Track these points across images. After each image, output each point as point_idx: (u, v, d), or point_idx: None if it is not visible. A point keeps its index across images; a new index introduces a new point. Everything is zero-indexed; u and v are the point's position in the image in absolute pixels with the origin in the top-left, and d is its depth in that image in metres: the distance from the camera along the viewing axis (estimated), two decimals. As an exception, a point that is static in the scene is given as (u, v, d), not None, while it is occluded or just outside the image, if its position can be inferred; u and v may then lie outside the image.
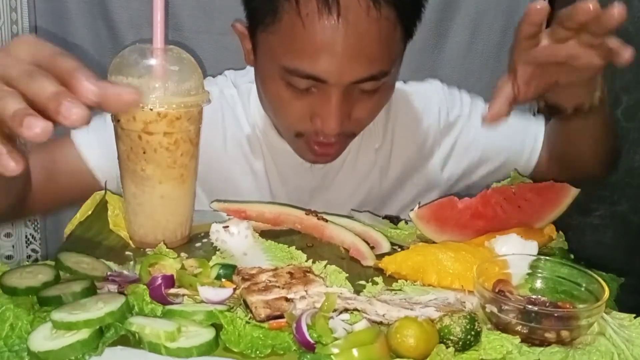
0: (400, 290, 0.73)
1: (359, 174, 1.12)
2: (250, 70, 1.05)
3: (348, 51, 0.85)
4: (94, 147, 1.02)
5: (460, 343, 0.59)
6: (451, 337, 0.59)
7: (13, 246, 1.66)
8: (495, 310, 0.63)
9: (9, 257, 1.66)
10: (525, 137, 1.15)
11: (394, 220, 0.93)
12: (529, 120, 1.17)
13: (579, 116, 0.86)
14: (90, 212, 0.90)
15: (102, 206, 0.90)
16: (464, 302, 0.68)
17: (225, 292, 0.67)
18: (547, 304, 0.67)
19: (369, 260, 0.80)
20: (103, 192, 0.91)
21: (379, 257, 0.80)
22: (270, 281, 0.68)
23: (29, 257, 1.65)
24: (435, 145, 1.13)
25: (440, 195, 1.15)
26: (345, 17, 0.83)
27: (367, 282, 0.75)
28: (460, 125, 1.14)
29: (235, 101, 1.10)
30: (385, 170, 1.13)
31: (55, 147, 1.04)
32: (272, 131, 1.07)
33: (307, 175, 1.09)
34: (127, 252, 0.81)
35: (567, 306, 0.65)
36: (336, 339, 0.58)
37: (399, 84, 1.15)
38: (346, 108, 0.90)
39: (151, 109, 0.76)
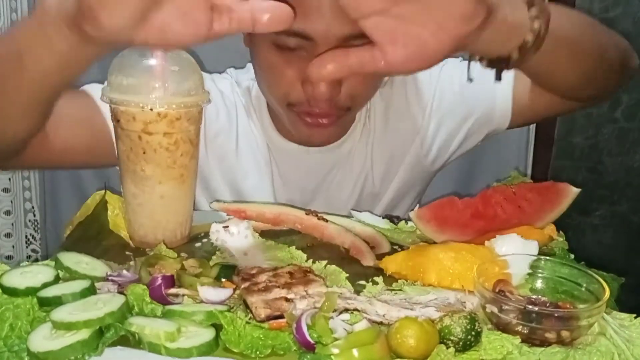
0: (400, 290, 0.73)
1: (355, 171, 1.11)
2: (250, 68, 1.05)
3: (334, 6, 0.84)
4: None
5: (461, 343, 0.59)
6: (451, 338, 0.59)
7: (13, 246, 1.66)
8: (495, 310, 0.63)
9: (9, 257, 1.66)
10: (492, 86, 1.04)
11: (394, 220, 0.93)
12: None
13: (527, 60, 0.73)
14: (90, 212, 0.89)
15: (102, 206, 0.89)
16: (465, 302, 0.68)
17: (225, 292, 0.67)
18: (548, 304, 0.67)
19: (369, 260, 0.80)
20: (103, 192, 0.91)
21: (379, 257, 0.80)
22: (270, 281, 0.68)
23: (28, 257, 1.66)
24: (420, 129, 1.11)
25: (426, 182, 1.16)
26: None
27: (367, 282, 0.75)
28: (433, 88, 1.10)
29: (237, 100, 1.10)
30: (374, 162, 1.12)
31: (70, 95, 0.93)
32: (273, 130, 1.07)
33: (308, 174, 1.09)
34: (127, 252, 0.80)
35: (568, 306, 0.65)
36: (336, 339, 0.58)
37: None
38: None
39: (151, 109, 0.76)
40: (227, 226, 0.82)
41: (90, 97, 0.97)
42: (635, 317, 0.65)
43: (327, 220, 0.87)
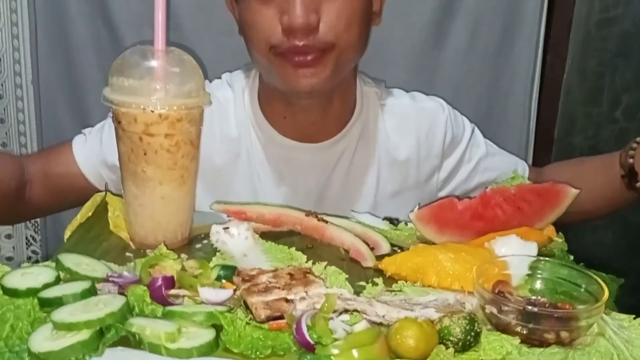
0: (400, 291, 0.73)
1: (354, 180, 1.11)
2: (241, 71, 1.07)
3: None
4: (88, 155, 1.08)
5: (460, 344, 0.59)
6: (451, 338, 0.59)
7: (13, 247, 1.66)
8: (495, 311, 0.63)
9: (9, 259, 1.66)
10: (517, 167, 1.17)
11: (394, 221, 0.93)
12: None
13: None
14: (90, 214, 0.90)
15: (103, 207, 0.90)
16: (464, 303, 0.68)
17: (225, 293, 0.67)
18: (547, 305, 0.67)
19: (369, 262, 0.80)
20: (103, 193, 0.92)
21: (379, 258, 0.80)
22: (270, 282, 0.68)
23: (29, 258, 1.66)
24: (436, 170, 1.14)
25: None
26: None
27: (367, 283, 0.75)
28: (462, 149, 1.14)
29: (229, 101, 1.10)
30: (380, 184, 1.12)
31: (54, 151, 1.12)
32: (268, 126, 1.07)
33: (303, 175, 1.09)
34: (127, 253, 0.81)
35: (567, 307, 0.65)
36: (336, 339, 0.59)
37: (406, 96, 1.15)
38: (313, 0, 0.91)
39: (152, 111, 0.76)
40: (228, 227, 0.82)
41: (72, 154, 1.08)
42: (635, 318, 0.65)
43: (327, 222, 0.87)
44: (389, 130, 1.12)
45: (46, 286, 0.65)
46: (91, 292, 0.65)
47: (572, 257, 0.80)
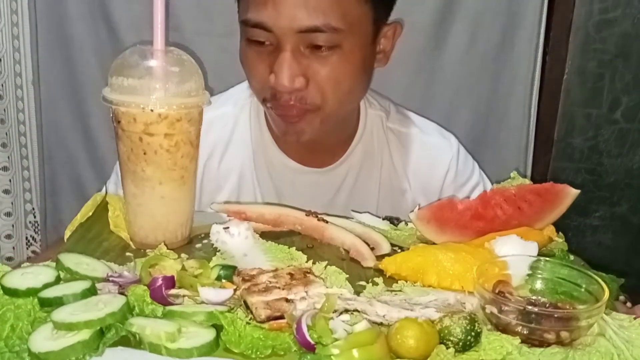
0: (400, 291, 0.73)
1: (357, 201, 1.11)
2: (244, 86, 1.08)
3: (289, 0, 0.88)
4: None
5: (461, 344, 0.59)
6: (451, 338, 0.59)
7: (13, 248, 1.66)
8: (495, 311, 0.63)
9: (9, 259, 1.66)
10: None
11: (394, 221, 0.93)
12: None
13: None
14: (90, 213, 0.90)
15: (103, 207, 0.90)
16: (464, 303, 0.68)
17: (225, 293, 0.67)
18: (547, 305, 0.67)
19: (369, 261, 0.80)
20: (104, 193, 0.92)
21: (379, 258, 0.80)
22: (270, 282, 0.68)
23: (29, 258, 1.66)
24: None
25: None
26: None
27: (367, 283, 0.75)
28: (463, 194, 1.14)
29: (229, 117, 1.11)
30: (380, 207, 1.12)
31: None
32: (274, 146, 1.08)
33: (306, 196, 1.09)
34: (127, 253, 0.81)
35: (567, 307, 0.65)
36: (336, 339, 0.58)
37: (415, 127, 1.14)
38: (298, 64, 0.92)
39: (152, 110, 0.76)
40: (228, 227, 0.82)
41: None
42: (635, 318, 0.65)
43: (327, 222, 0.87)
44: (393, 154, 1.12)
45: (46, 286, 0.65)
46: (91, 291, 0.65)
47: (572, 257, 0.80)
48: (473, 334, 0.60)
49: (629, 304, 0.77)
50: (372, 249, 0.83)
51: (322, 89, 0.94)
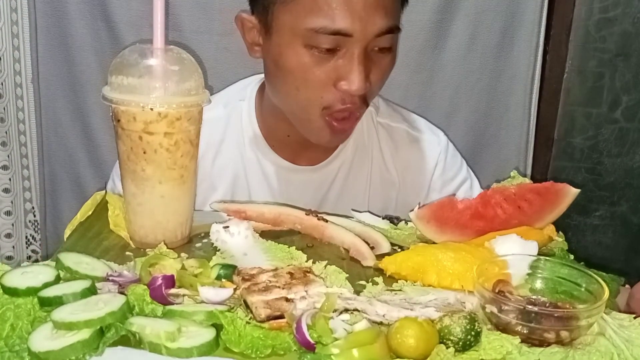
0: (400, 290, 0.73)
1: (349, 195, 1.12)
2: (237, 88, 1.08)
3: (368, 4, 0.89)
4: None
5: (460, 343, 0.59)
6: (451, 338, 0.59)
7: (13, 247, 1.66)
8: (495, 310, 0.63)
9: (9, 258, 1.66)
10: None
11: (394, 220, 0.93)
12: None
13: None
14: (90, 213, 0.90)
15: (103, 206, 0.90)
16: (464, 303, 0.68)
17: (225, 293, 0.67)
18: (547, 304, 0.67)
19: (369, 261, 0.80)
20: (103, 192, 0.91)
21: (379, 257, 0.80)
22: (270, 281, 0.68)
23: (29, 257, 1.66)
24: (419, 200, 1.14)
25: None
26: None
27: (367, 282, 0.75)
28: (449, 190, 1.15)
29: (220, 120, 1.11)
30: (371, 200, 1.13)
31: None
32: (266, 145, 1.08)
33: (299, 193, 1.09)
34: (127, 252, 0.81)
35: (567, 306, 0.65)
36: (336, 339, 0.59)
37: (404, 122, 1.16)
38: (367, 67, 0.92)
39: (151, 109, 0.76)
40: (228, 226, 0.82)
41: None
42: (635, 318, 0.65)
43: (327, 221, 0.87)
44: (383, 149, 1.13)
45: (46, 285, 0.65)
46: (91, 291, 0.65)
47: (572, 257, 0.80)
48: (473, 333, 0.60)
49: (627, 286, 0.77)
50: (372, 248, 0.83)
51: (372, 89, 0.96)
